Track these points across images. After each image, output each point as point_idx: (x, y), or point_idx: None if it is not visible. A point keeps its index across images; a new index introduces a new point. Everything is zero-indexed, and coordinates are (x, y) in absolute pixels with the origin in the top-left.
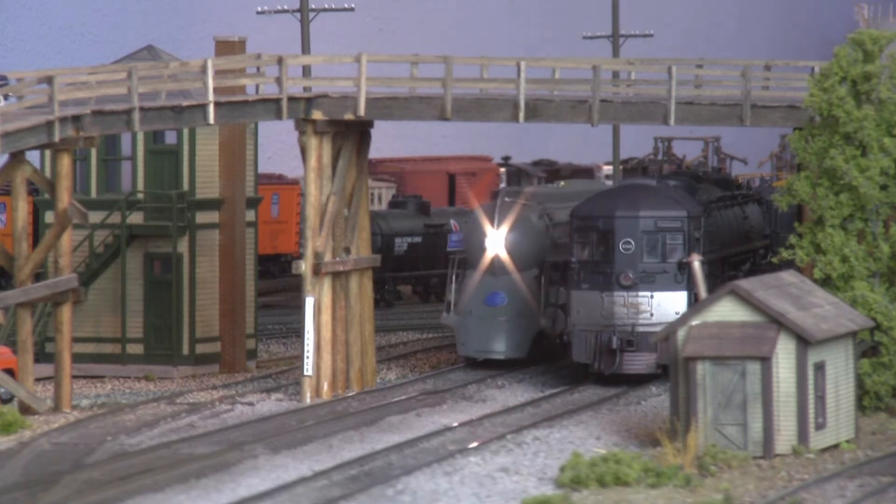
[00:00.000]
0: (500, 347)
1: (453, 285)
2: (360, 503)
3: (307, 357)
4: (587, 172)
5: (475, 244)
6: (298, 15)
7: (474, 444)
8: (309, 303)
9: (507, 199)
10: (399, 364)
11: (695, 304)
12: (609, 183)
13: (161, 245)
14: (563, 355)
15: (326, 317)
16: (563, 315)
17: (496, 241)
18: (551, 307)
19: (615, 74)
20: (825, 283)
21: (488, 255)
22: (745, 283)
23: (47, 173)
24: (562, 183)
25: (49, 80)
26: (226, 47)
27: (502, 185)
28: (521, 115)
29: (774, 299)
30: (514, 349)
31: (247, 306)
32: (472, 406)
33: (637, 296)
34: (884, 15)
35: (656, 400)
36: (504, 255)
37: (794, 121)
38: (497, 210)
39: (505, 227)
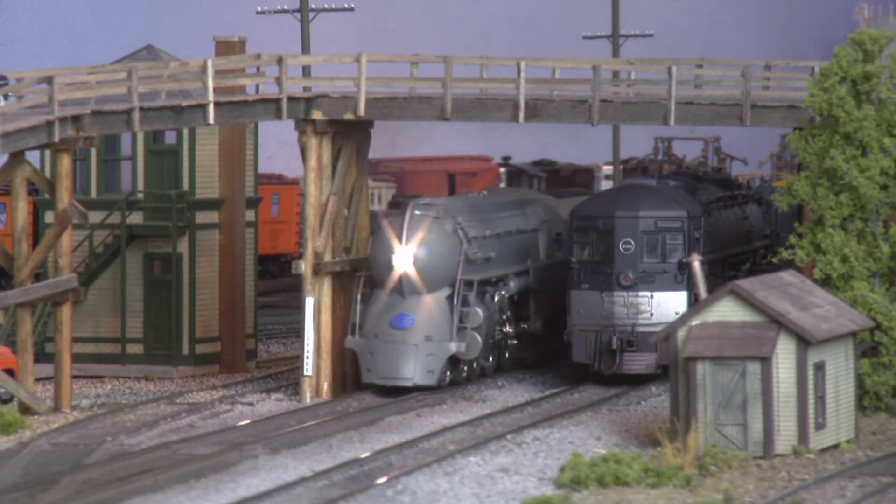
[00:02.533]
0: (407, 374)
1: (358, 306)
2: (360, 503)
3: (307, 357)
4: (587, 172)
5: (381, 261)
6: (298, 15)
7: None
8: (309, 303)
9: (416, 211)
10: None
11: (695, 304)
12: (531, 192)
13: (161, 245)
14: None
15: (326, 317)
16: (479, 338)
17: (404, 258)
18: (465, 330)
19: (615, 74)
20: (825, 283)
21: (395, 274)
22: (746, 283)
23: (47, 173)
24: (483, 192)
25: (49, 80)
26: (226, 47)
27: (502, 184)
28: (521, 115)
29: (775, 299)
30: (424, 376)
31: (247, 306)
32: (472, 406)
33: (637, 296)
34: (884, 15)
35: (656, 400)
36: (413, 273)
37: (795, 121)
38: (405, 224)
39: (414, 243)
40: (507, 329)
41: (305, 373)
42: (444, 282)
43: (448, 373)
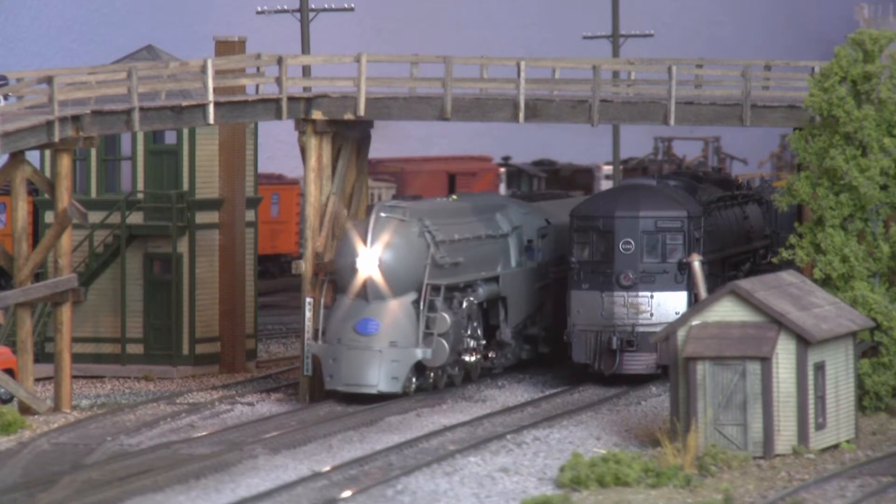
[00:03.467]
0: (371, 381)
1: (321, 311)
2: (359, 503)
3: (307, 357)
4: (587, 172)
5: (345, 265)
6: (298, 15)
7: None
8: (308, 303)
9: (382, 213)
10: None
11: (695, 304)
12: (502, 197)
13: (161, 245)
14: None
15: None
16: (445, 345)
17: (368, 262)
18: (431, 336)
19: (615, 74)
20: (825, 283)
21: (360, 277)
22: (746, 283)
23: (47, 173)
24: (453, 196)
25: (49, 80)
26: (226, 47)
27: (502, 184)
28: (521, 115)
29: (775, 299)
30: (389, 383)
31: (247, 306)
32: (472, 406)
33: (637, 296)
34: (884, 15)
35: (656, 400)
36: (377, 277)
37: (795, 121)
38: (370, 226)
39: (379, 246)
40: (476, 336)
41: (305, 373)
42: (410, 286)
43: (414, 380)
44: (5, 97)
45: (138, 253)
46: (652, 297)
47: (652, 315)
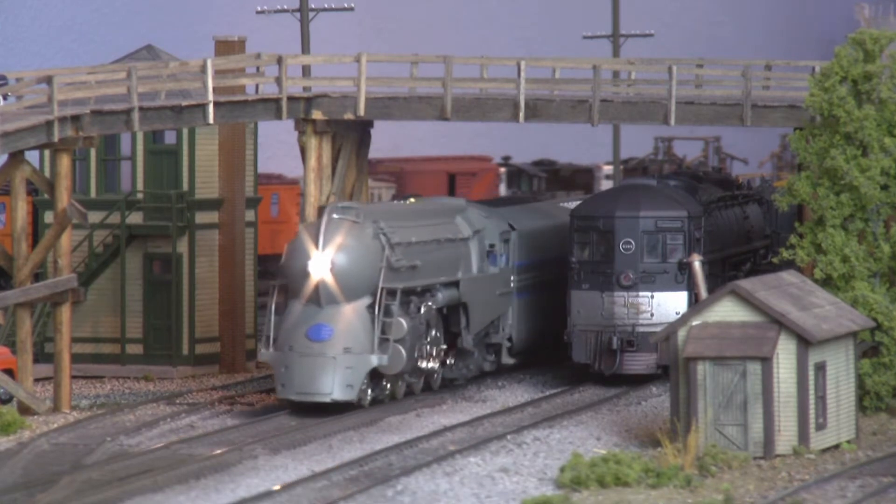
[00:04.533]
0: (325, 389)
1: (272, 317)
2: (359, 503)
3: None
4: (587, 172)
5: (297, 268)
6: (298, 15)
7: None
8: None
9: (335, 215)
10: None
11: (695, 304)
12: (463, 201)
13: (161, 245)
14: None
15: None
16: (402, 351)
17: (321, 265)
18: (387, 342)
19: (615, 74)
20: (826, 283)
21: (312, 281)
22: (746, 283)
23: (47, 173)
24: (411, 199)
25: (48, 80)
26: (225, 47)
27: (502, 184)
28: (521, 115)
29: (775, 299)
30: (343, 391)
31: (247, 306)
32: (473, 406)
33: (637, 296)
34: (884, 14)
35: (656, 400)
36: (330, 281)
37: (795, 121)
38: (322, 228)
39: (331, 249)
40: (436, 343)
41: None
42: (365, 290)
43: (370, 390)
44: (5, 97)
45: (138, 253)
46: (652, 297)
47: (652, 315)
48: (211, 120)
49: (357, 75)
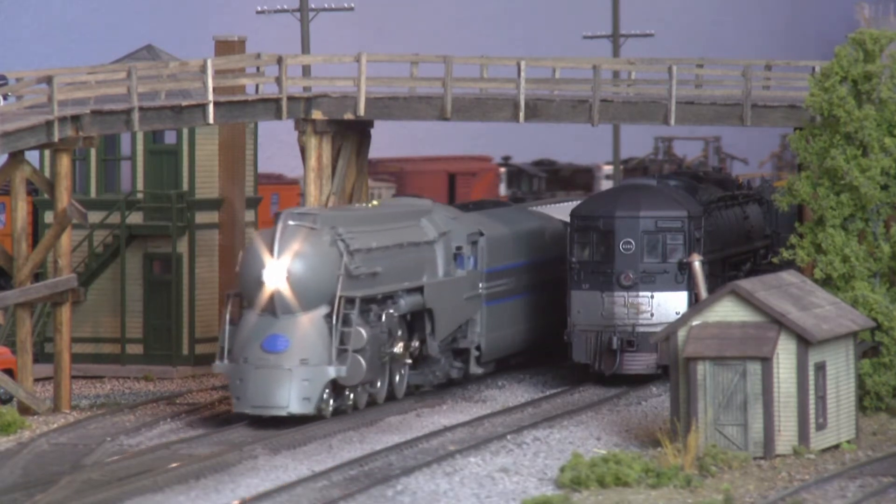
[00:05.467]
0: (281, 402)
1: (226, 328)
2: (359, 503)
3: None
4: (587, 172)
5: (251, 277)
6: (298, 15)
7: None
8: None
9: (290, 221)
10: None
11: (695, 304)
12: (428, 202)
13: (161, 245)
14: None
15: None
16: (362, 362)
17: (276, 274)
18: (346, 352)
19: (615, 74)
20: (826, 283)
21: (266, 291)
22: (746, 283)
23: (46, 173)
24: (374, 202)
25: (48, 80)
26: (225, 47)
27: (502, 184)
28: (521, 115)
29: (775, 299)
30: (300, 404)
31: None
32: (472, 406)
33: (637, 296)
34: (884, 14)
35: (657, 400)
36: (286, 291)
37: (795, 120)
38: (277, 235)
39: (287, 256)
40: (398, 351)
41: None
42: (322, 299)
43: (331, 401)
44: (5, 97)
45: (138, 253)
46: (652, 297)
47: (652, 315)
48: (211, 120)
49: (357, 75)
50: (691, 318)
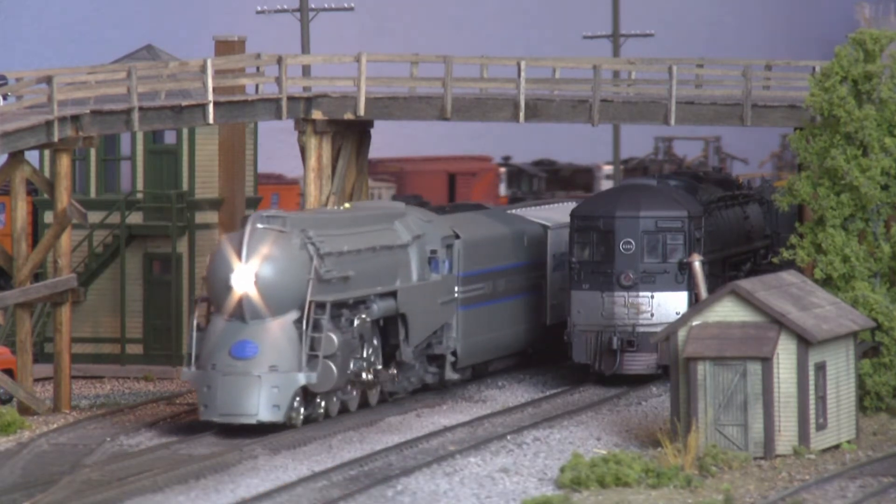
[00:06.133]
0: (250, 409)
1: (194, 333)
2: (359, 503)
3: None
4: (587, 172)
5: (219, 282)
6: (298, 15)
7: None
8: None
9: (259, 225)
10: None
11: (695, 304)
12: (401, 204)
13: (160, 245)
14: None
15: None
16: (333, 368)
17: (244, 278)
18: (316, 358)
19: (616, 74)
20: (826, 283)
21: (235, 295)
22: (746, 284)
23: (46, 173)
24: (346, 205)
25: (48, 80)
26: (225, 47)
27: (502, 184)
28: (522, 115)
29: (775, 299)
30: (269, 411)
31: None
32: (473, 406)
33: (637, 296)
34: (884, 14)
35: (657, 400)
36: (254, 295)
37: (795, 120)
38: (245, 239)
39: (256, 260)
40: (371, 357)
41: None
42: (292, 304)
43: (301, 409)
44: (5, 97)
45: (138, 253)
46: (652, 297)
47: (652, 315)
48: (211, 120)
49: (357, 75)
50: (691, 318)
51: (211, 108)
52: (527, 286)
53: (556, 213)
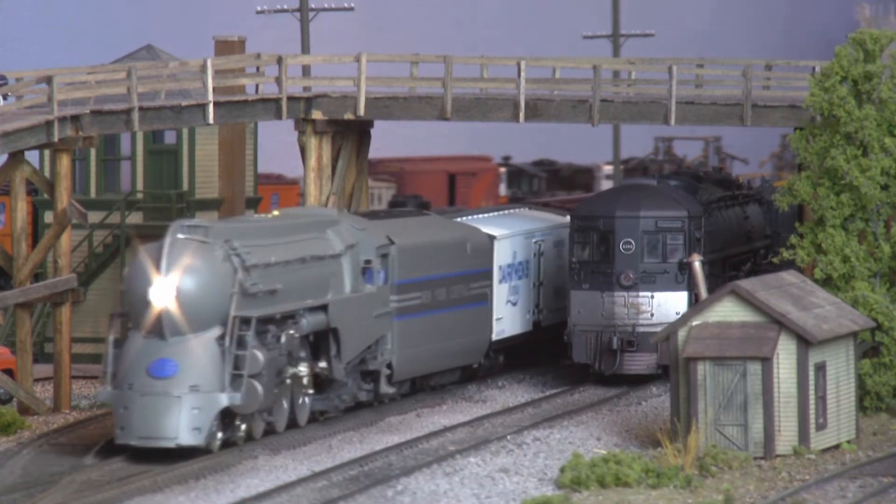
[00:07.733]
0: (169, 432)
1: (111, 350)
2: (359, 503)
3: None
4: (587, 172)
5: (136, 296)
6: (298, 15)
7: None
8: None
9: (179, 235)
10: None
11: (695, 304)
12: (334, 211)
13: None
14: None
15: None
16: (258, 388)
17: (163, 292)
18: (241, 378)
19: (616, 74)
20: (826, 283)
21: (153, 310)
22: (746, 284)
23: (46, 173)
24: (274, 212)
25: (48, 80)
26: (225, 47)
27: (502, 184)
28: (522, 115)
29: (775, 299)
30: (190, 434)
31: None
32: (473, 406)
33: (637, 296)
34: (884, 14)
35: (657, 400)
36: (174, 310)
37: (795, 120)
38: (164, 250)
39: (175, 273)
40: (300, 375)
41: None
42: (215, 319)
43: (221, 432)
44: (5, 97)
45: None
46: (652, 297)
47: (652, 315)
48: (211, 120)
49: (357, 75)
50: (691, 318)
51: (211, 108)
52: (469, 297)
53: (513, 222)
